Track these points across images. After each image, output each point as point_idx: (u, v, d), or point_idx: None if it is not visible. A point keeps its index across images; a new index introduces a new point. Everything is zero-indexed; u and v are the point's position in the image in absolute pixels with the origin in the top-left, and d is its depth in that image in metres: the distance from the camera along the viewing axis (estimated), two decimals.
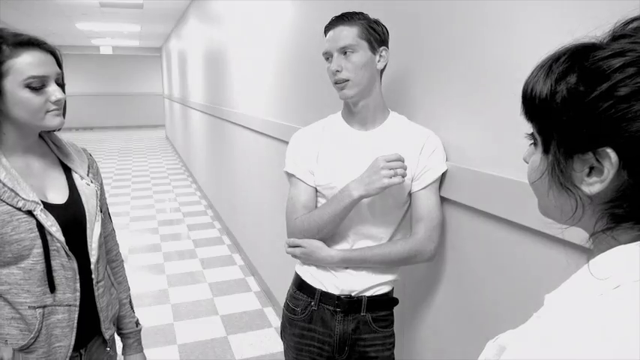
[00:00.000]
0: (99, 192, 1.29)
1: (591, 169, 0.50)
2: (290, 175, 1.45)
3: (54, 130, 1.20)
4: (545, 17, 1.04)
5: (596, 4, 0.92)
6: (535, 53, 0.57)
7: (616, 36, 0.51)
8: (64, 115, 1.16)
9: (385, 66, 1.36)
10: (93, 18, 8.71)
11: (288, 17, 2.70)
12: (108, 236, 1.38)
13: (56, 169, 1.22)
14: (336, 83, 1.33)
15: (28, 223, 1.08)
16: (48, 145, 1.22)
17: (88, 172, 1.30)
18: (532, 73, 0.55)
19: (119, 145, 12.13)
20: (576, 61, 0.50)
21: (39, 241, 1.09)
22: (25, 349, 1.12)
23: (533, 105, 0.54)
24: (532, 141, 0.58)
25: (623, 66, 0.47)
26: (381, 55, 1.34)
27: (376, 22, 1.35)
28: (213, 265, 4.22)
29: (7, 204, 1.06)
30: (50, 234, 1.11)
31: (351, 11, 1.33)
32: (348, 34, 1.30)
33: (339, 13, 1.34)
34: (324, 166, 1.39)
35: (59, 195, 1.18)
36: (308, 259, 1.40)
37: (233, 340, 2.99)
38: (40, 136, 1.22)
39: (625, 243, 0.50)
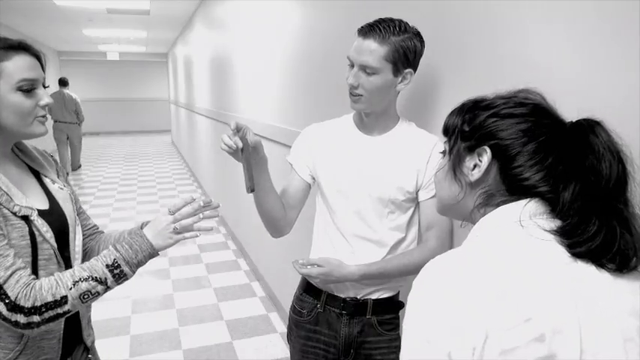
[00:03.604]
0: (73, 196, 1.25)
1: (474, 166, 0.76)
2: (290, 164, 1.49)
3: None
4: (557, 23, 1.04)
5: (603, 6, 0.92)
6: (546, 59, 0.58)
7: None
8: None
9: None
10: (100, 24, 8.78)
11: (296, 21, 2.71)
12: (90, 229, 1.35)
13: (28, 175, 1.17)
14: (350, 93, 1.31)
15: (21, 230, 1.03)
16: (13, 151, 1.16)
17: (58, 175, 1.26)
18: (449, 114, 0.83)
19: (125, 150, 12.18)
20: (478, 103, 0.79)
21: (29, 250, 1.04)
22: None
23: (448, 128, 0.82)
24: (443, 155, 0.86)
25: (505, 102, 0.76)
26: (404, 77, 1.27)
27: (412, 38, 1.23)
28: (218, 270, 4.22)
29: (5, 207, 1.01)
30: (45, 240, 1.07)
31: (389, 21, 1.23)
32: (374, 52, 1.21)
33: (378, 18, 1.25)
34: (327, 166, 1.40)
35: (39, 201, 1.13)
36: (327, 280, 1.37)
37: (238, 345, 2.99)
38: None
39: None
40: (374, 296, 1.40)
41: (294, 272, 1.43)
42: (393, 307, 1.44)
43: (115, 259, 1.08)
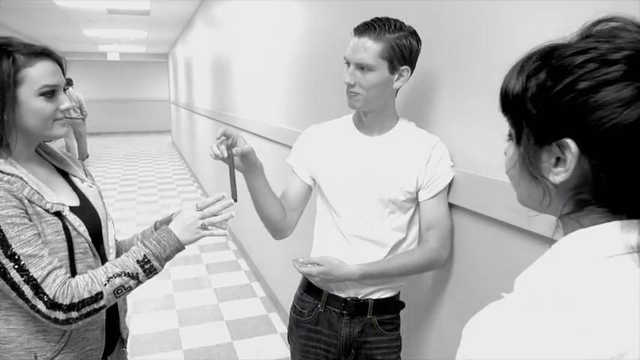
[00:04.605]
0: (101, 193, 1.31)
1: (558, 159, 0.54)
2: (290, 167, 1.50)
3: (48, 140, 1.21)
4: (555, 23, 1.04)
5: (601, 8, 0.92)
6: None
7: (583, 36, 0.54)
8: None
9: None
10: (100, 24, 8.79)
11: (298, 21, 2.71)
12: None
13: (56, 175, 1.22)
14: (348, 92, 1.32)
15: (55, 226, 1.08)
16: (40, 153, 1.22)
17: (86, 174, 1.31)
18: (508, 72, 0.59)
19: (125, 150, 12.18)
20: (546, 59, 0.54)
21: (64, 244, 1.09)
22: (56, 355, 1.11)
23: (507, 100, 0.58)
24: (509, 139, 0.63)
25: (584, 62, 0.50)
26: (400, 75, 1.28)
27: (407, 36, 1.25)
28: (218, 270, 4.22)
29: (37, 205, 1.05)
30: (79, 234, 1.12)
31: (384, 20, 1.24)
32: (369, 49, 1.22)
33: (372, 18, 1.26)
34: (327, 167, 1.41)
35: (70, 199, 1.18)
36: (327, 279, 1.37)
37: (238, 346, 2.99)
38: None
39: (587, 226, 0.54)
40: (375, 296, 1.40)
41: (295, 272, 1.43)
42: (393, 307, 1.44)
43: (145, 255, 1.14)
